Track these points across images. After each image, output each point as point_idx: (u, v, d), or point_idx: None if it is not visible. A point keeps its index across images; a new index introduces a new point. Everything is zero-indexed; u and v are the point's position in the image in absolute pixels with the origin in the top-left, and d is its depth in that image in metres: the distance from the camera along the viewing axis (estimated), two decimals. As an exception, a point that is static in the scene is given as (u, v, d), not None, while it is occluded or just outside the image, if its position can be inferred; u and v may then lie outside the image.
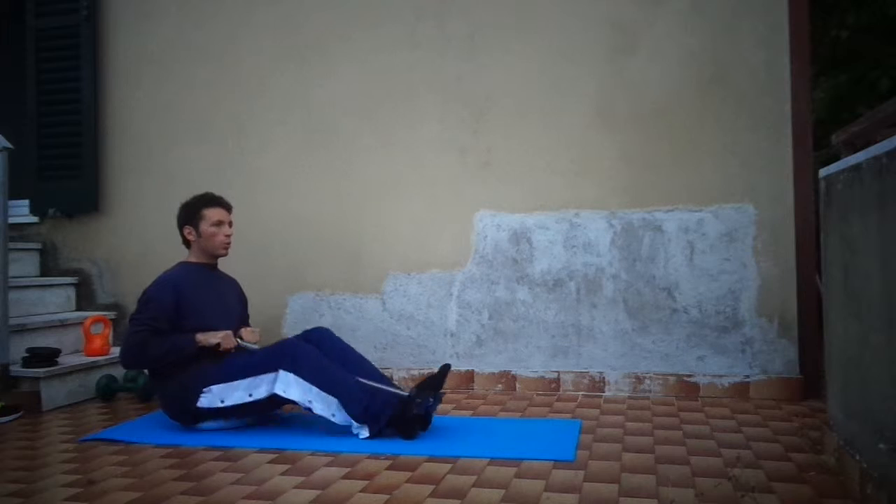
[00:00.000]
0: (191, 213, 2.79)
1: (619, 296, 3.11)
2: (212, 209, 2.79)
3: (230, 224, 2.84)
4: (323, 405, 2.43)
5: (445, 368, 2.52)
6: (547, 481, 1.96)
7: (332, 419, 2.43)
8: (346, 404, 2.40)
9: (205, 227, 2.77)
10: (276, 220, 3.52)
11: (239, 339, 2.68)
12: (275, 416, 2.74)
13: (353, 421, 2.41)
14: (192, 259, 2.82)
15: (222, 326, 2.66)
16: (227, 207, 2.85)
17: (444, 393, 2.62)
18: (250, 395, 2.49)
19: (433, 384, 2.48)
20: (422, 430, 2.44)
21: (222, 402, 2.50)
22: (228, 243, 2.83)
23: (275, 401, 2.50)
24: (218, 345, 2.59)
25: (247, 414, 2.57)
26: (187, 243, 2.83)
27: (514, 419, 2.70)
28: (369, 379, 2.54)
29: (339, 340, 2.73)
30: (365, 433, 2.40)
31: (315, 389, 2.43)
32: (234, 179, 3.55)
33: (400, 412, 2.39)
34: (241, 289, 2.98)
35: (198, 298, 2.69)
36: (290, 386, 2.44)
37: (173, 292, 2.64)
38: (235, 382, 2.50)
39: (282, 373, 2.45)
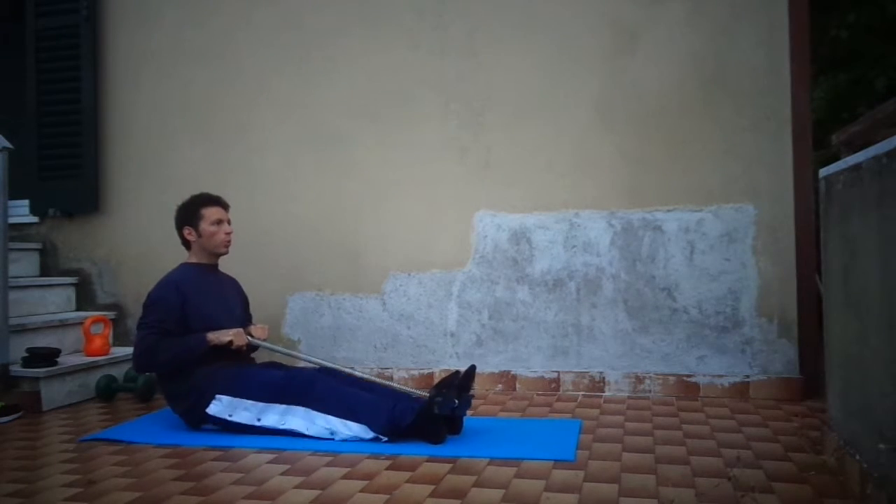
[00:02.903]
0: (189, 214, 2.79)
1: (619, 296, 3.11)
2: (210, 208, 2.79)
3: (229, 222, 2.84)
4: (346, 431, 2.38)
5: (472, 370, 2.44)
6: (547, 481, 1.96)
7: (364, 438, 2.37)
8: (371, 423, 2.36)
9: (205, 226, 2.77)
10: (276, 220, 3.52)
11: (249, 337, 2.68)
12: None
13: (380, 435, 2.36)
14: (193, 260, 2.82)
15: (226, 326, 2.66)
16: (225, 206, 2.85)
17: (473, 395, 2.47)
18: (258, 420, 2.47)
19: (457, 384, 2.36)
20: (451, 433, 2.39)
21: (230, 416, 2.49)
22: (229, 241, 2.83)
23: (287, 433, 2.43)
24: (230, 343, 2.59)
25: (251, 434, 2.50)
26: (187, 244, 2.82)
27: (515, 419, 2.70)
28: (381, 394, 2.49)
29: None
30: (384, 439, 2.36)
31: (335, 420, 2.39)
32: (234, 179, 3.55)
33: (421, 415, 2.33)
34: (241, 288, 2.98)
35: (201, 299, 2.69)
36: (309, 421, 2.41)
37: (177, 293, 2.64)
38: (247, 402, 2.48)
39: (300, 409, 2.42)
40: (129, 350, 3.54)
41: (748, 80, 2.98)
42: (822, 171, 2.09)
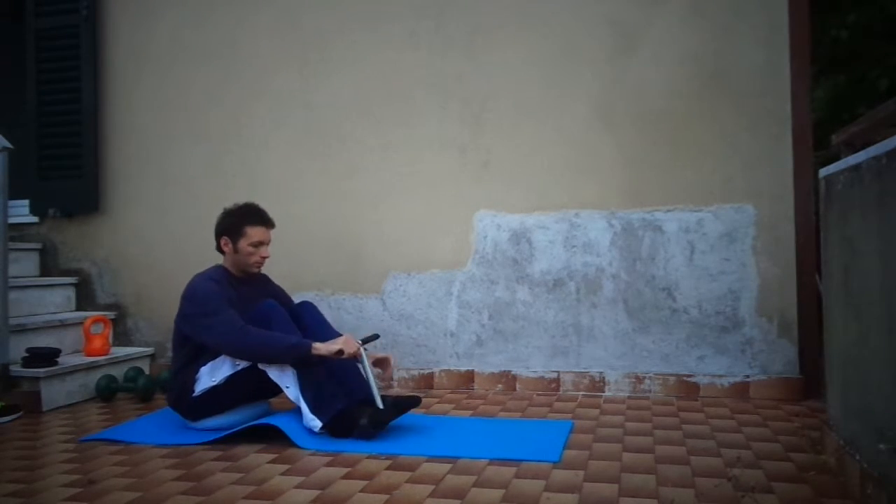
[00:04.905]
0: (233, 227, 2.67)
1: (619, 296, 3.11)
2: (255, 228, 2.68)
3: (268, 243, 2.74)
4: (279, 371, 2.44)
5: (416, 402, 2.48)
6: (547, 481, 1.96)
7: (286, 391, 2.45)
8: (301, 378, 2.41)
9: (243, 244, 2.66)
10: (276, 221, 3.50)
11: (360, 343, 2.51)
12: (272, 414, 2.74)
13: (302, 398, 2.41)
14: (228, 266, 2.73)
15: None
16: (271, 226, 2.75)
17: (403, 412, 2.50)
18: (237, 364, 2.48)
19: (399, 407, 2.42)
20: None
21: (213, 380, 2.49)
22: (262, 264, 2.73)
23: (262, 373, 2.46)
24: (339, 352, 2.42)
25: (242, 391, 2.52)
26: (221, 251, 2.73)
27: (508, 420, 2.70)
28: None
29: (319, 315, 2.71)
30: (318, 424, 2.39)
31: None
32: (234, 179, 3.55)
33: (348, 413, 2.38)
34: (272, 286, 2.86)
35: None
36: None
37: (219, 287, 2.57)
38: (221, 357, 2.50)
39: None
40: (129, 350, 3.58)
41: (748, 80, 2.98)
42: (822, 171, 2.09)
